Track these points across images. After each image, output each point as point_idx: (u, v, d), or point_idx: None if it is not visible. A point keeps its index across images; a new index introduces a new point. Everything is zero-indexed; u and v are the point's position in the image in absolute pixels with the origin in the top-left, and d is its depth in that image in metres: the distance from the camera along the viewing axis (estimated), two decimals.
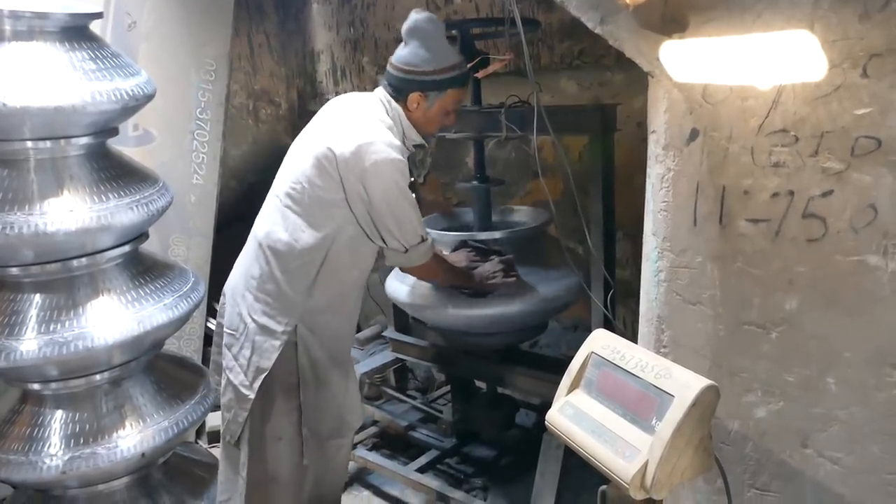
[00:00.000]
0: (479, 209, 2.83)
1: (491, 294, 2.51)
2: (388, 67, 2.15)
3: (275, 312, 2.08)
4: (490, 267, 2.50)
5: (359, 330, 4.15)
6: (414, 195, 4.23)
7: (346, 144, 2.00)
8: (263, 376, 2.07)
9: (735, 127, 1.47)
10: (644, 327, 1.74)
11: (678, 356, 1.65)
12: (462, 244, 2.67)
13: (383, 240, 2.09)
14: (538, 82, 2.05)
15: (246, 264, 2.18)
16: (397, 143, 2.06)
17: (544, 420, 1.47)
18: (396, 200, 2.03)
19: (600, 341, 1.41)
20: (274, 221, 2.11)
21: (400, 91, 2.12)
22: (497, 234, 2.67)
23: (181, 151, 3.38)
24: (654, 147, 1.61)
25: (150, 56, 3.25)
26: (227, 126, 3.64)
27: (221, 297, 2.27)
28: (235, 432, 2.15)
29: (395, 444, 3.35)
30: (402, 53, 2.11)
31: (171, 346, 3.31)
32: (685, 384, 1.21)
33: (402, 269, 2.39)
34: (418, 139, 2.20)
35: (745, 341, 1.55)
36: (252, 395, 2.08)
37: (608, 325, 2.61)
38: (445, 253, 2.62)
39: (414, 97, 2.10)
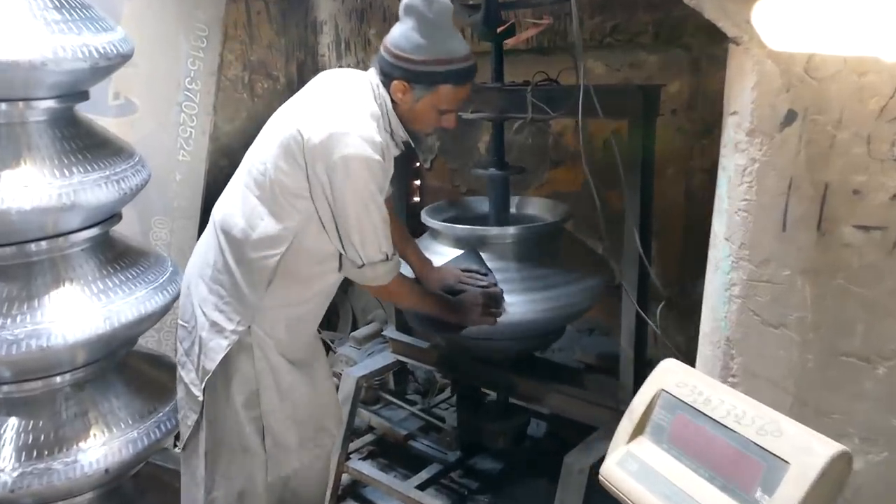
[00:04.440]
0: (496, 200, 2.53)
1: (463, 330, 2.15)
2: (381, 47, 1.83)
3: (227, 308, 1.84)
4: (470, 299, 2.12)
5: (355, 327, 3.85)
6: (419, 181, 3.93)
7: (317, 130, 1.71)
8: (207, 378, 1.87)
9: (847, 109, 1.17)
10: (707, 350, 1.45)
11: (751, 388, 1.36)
12: (471, 253, 2.31)
13: (343, 246, 1.81)
14: (572, 57, 1.75)
15: (203, 249, 1.94)
16: (377, 139, 1.74)
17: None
18: (362, 205, 1.74)
19: (673, 376, 1.11)
20: (232, 203, 1.86)
21: (386, 76, 1.80)
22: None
23: (166, 124, 3.06)
24: (735, 132, 1.31)
25: (135, 17, 2.93)
26: (218, 99, 3.34)
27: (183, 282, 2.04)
28: (185, 435, 1.97)
29: (393, 452, 3.07)
30: (395, 33, 1.78)
31: (149, 338, 3.02)
32: (805, 448, 0.92)
33: (361, 287, 2.05)
34: (405, 136, 1.87)
35: (841, 376, 1.26)
36: (201, 397, 1.89)
37: (641, 333, 2.34)
38: (437, 265, 2.26)
39: (398, 86, 1.78)
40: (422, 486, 2.66)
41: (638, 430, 1.11)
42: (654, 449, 1.07)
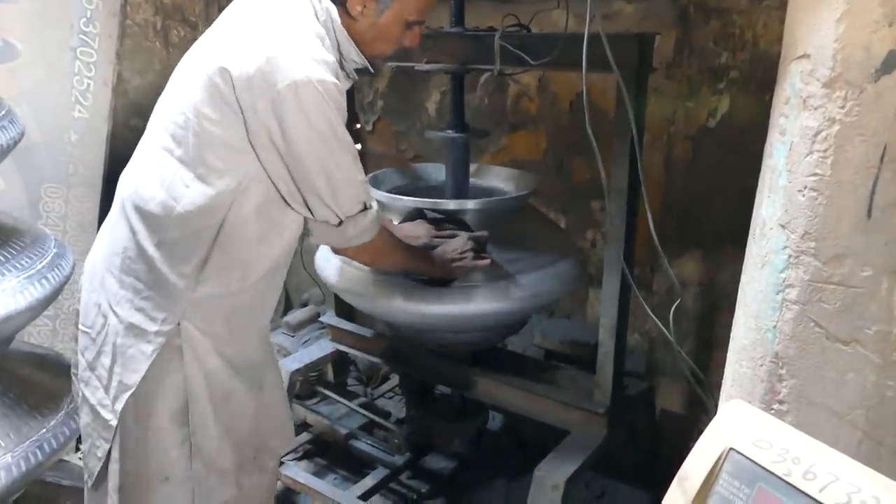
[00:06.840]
0: (454, 167, 2.17)
1: (455, 281, 1.91)
2: None
3: (147, 304, 1.46)
4: (458, 244, 1.88)
5: (288, 308, 3.45)
6: (360, 145, 3.52)
7: (249, 58, 1.33)
8: (128, 395, 1.48)
9: None
10: (744, 367, 1.13)
11: (803, 418, 1.06)
12: (417, 213, 2.02)
13: (308, 206, 1.45)
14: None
15: (109, 236, 1.53)
16: (330, 57, 1.39)
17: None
18: (326, 144, 1.39)
19: (746, 429, 0.77)
20: (146, 171, 1.46)
21: None
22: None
23: (57, 74, 2.57)
24: (804, 83, 0.97)
25: None
26: (124, 46, 2.87)
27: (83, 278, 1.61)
28: (94, 469, 1.58)
29: (333, 452, 2.72)
30: None
31: (43, 327, 2.57)
32: None
33: (336, 252, 1.75)
34: (360, 61, 1.52)
35: None
36: (114, 420, 1.50)
37: (622, 323, 2.02)
38: (396, 224, 1.99)
39: None
40: (365, 496, 2.32)
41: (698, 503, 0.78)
42: None
